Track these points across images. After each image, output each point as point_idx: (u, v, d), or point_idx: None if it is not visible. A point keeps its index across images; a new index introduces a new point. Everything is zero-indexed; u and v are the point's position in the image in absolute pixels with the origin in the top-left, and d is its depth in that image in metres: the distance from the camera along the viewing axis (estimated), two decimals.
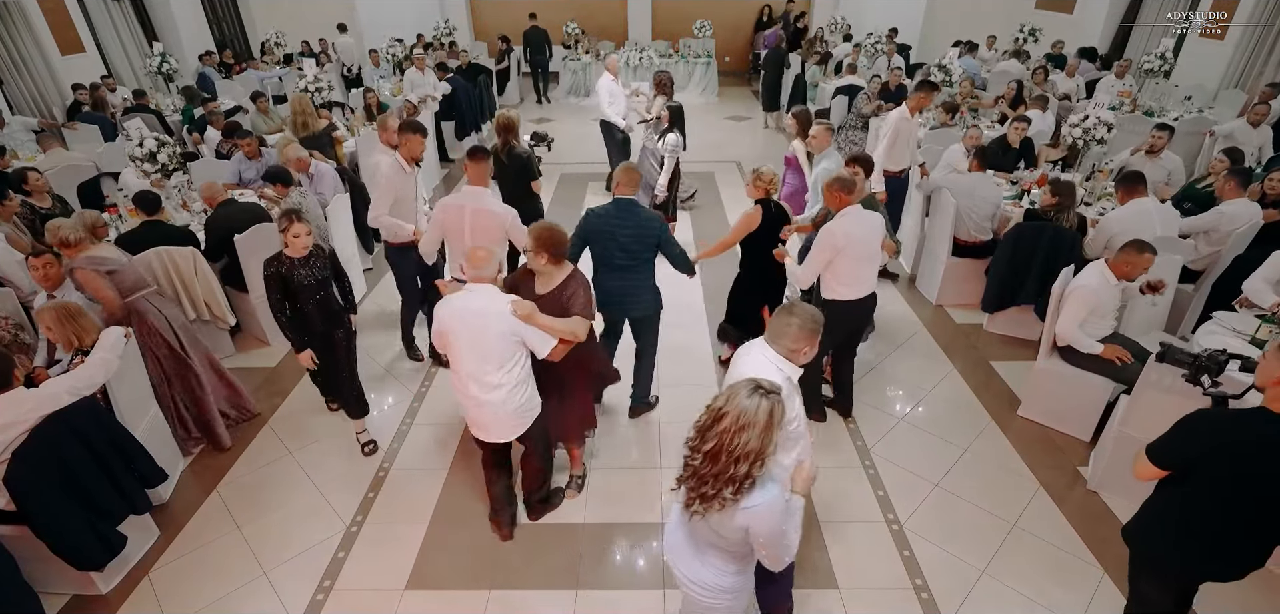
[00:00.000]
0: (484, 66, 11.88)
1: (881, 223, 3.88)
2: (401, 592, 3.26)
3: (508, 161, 5.12)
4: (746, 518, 1.93)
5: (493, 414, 3.00)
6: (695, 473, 1.94)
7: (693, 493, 1.97)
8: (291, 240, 3.48)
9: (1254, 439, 2.11)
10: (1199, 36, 9.31)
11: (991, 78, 10.26)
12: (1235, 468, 2.14)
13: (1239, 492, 2.16)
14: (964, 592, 3.22)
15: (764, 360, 2.43)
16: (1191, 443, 2.24)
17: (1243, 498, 2.17)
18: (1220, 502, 2.20)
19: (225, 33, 13.92)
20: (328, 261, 3.73)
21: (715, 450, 1.87)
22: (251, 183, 6.05)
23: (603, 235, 3.70)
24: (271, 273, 3.53)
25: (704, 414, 1.97)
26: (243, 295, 5.02)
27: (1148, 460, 2.31)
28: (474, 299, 2.84)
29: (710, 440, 1.88)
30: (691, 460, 1.96)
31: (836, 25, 13.11)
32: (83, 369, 3.05)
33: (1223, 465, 2.16)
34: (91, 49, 10.39)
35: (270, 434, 4.33)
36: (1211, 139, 7.10)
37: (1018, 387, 4.60)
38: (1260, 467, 2.10)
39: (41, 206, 5.21)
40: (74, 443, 2.93)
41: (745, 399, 1.86)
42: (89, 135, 7.78)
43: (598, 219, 3.71)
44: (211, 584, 3.32)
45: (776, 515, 1.94)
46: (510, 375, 2.93)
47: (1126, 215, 4.51)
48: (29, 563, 2.91)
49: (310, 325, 3.71)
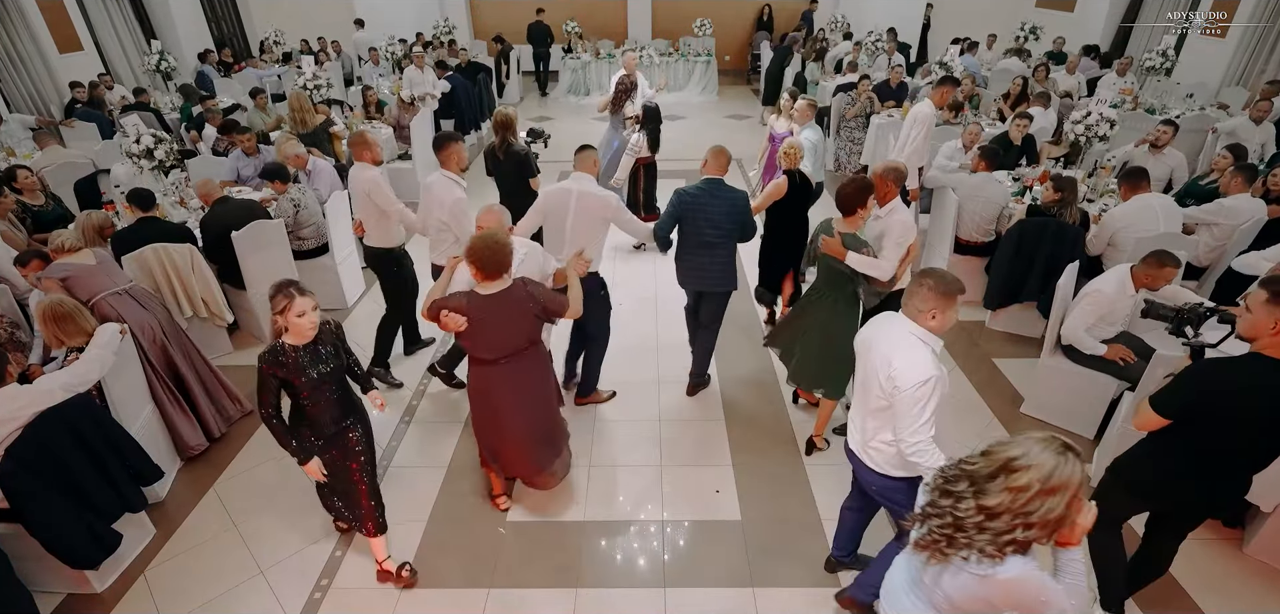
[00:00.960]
0: (483, 65, 11.85)
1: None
2: (399, 591, 3.23)
3: (505, 159, 5.09)
4: (996, 590, 1.62)
5: None
6: (955, 524, 1.64)
7: (937, 538, 1.68)
8: (294, 322, 2.64)
9: (1247, 386, 2.31)
10: (1201, 35, 9.29)
11: (992, 76, 10.24)
12: (1230, 412, 2.34)
13: (1231, 432, 2.37)
14: None
15: (905, 334, 2.37)
16: (1191, 392, 2.43)
17: (1234, 438, 2.38)
18: (1213, 443, 2.43)
19: (224, 31, 13.89)
20: (337, 337, 2.91)
21: (997, 508, 1.57)
22: (249, 180, 6.02)
23: (694, 213, 3.90)
24: (268, 375, 2.70)
25: (981, 460, 1.64)
26: (240, 293, 4.99)
27: (1151, 411, 2.48)
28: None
29: (993, 495, 1.57)
30: (954, 510, 1.64)
31: (837, 24, 13.09)
32: (77, 365, 3.02)
33: (1219, 411, 2.36)
34: (89, 47, 10.36)
35: (266, 433, 4.28)
36: (1214, 136, 7.07)
37: (1021, 384, 4.58)
38: (1251, 411, 2.31)
39: (34, 204, 5.18)
40: (69, 440, 2.90)
41: (1054, 456, 1.55)
42: (86, 133, 7.76)
43: (690, 198, 3.91)
44: (208, 583, 3.29)
45: (1033, 586, 1.62)
46: None
47: (1130, 211, 4.48)
48: (22, 561, 2.87)
49: (319, 426, 2.90)
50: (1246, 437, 2.36)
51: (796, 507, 3.67)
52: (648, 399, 4.51)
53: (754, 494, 3.75)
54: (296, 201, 5.16)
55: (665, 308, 5.59)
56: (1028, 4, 13.23)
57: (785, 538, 3.47)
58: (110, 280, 3.86)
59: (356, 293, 5.88)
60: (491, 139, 5.18)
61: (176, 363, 4.00)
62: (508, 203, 5.30)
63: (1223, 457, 2.44)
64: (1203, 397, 2.39)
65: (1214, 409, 2.36)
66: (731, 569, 3.31)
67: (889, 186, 3.70)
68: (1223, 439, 2.40)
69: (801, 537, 3.48)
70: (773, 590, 3.20)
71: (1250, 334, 2.35)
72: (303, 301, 2.66)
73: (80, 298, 3.62)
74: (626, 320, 5.47)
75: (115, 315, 3.72)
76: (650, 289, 5.95)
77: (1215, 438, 2.41)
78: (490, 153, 5.14)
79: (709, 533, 3.53)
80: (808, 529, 3.52)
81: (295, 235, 5.21)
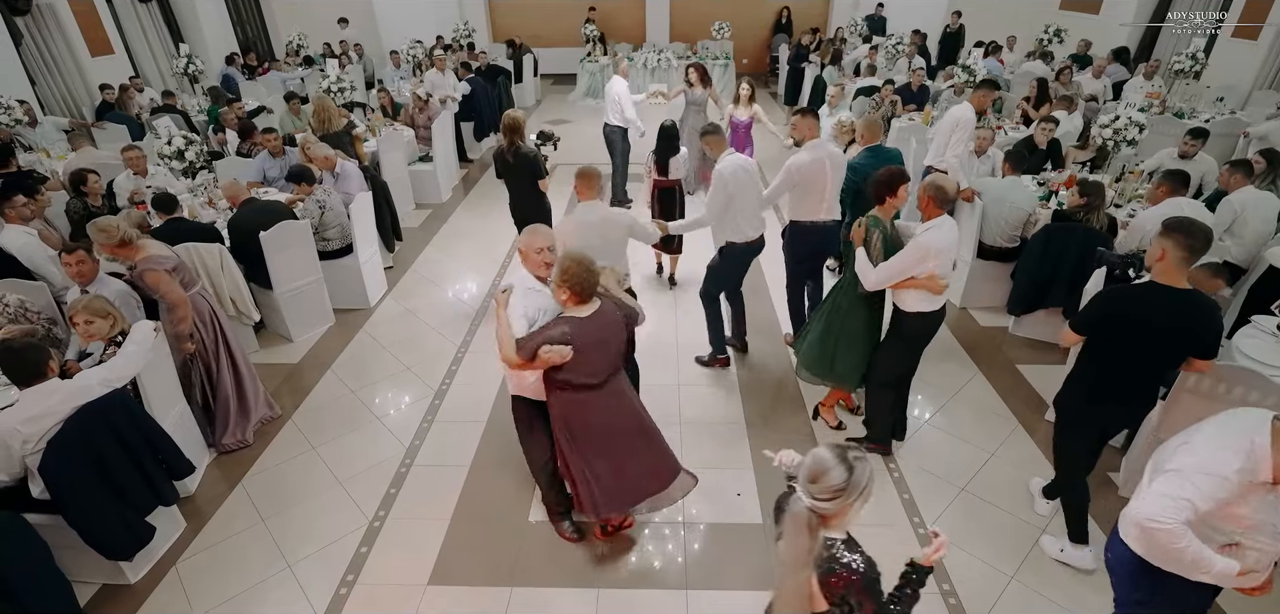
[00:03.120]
0: (503, 68, 11.94)
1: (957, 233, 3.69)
2: (424, 587, 3.27)
3: (514, 161, 5.13)
4: None
5: None
6: None
7: None
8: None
9: (1141, 304, 2.80)
10: (1231, 37, 9.13)
11: (1015, 79, 10.14)
12: (1129, 329, 2.81)
13: (1131, 348, 2.85)
14: (993, 597, 3.16)
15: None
16: (1097, 311, 2.95)
17: (1133, 353, 2.86)
18: (1118, 359, 2.91)
19: (249, 35, 14.11)
20: None
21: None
22: (275, 181, 6.11)
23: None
24: None
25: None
26: (266, 292, 5.07)
27: (1070, 330, 3.02)
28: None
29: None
30: None
31: (856, 26, 13.03)
32: (115, 361, 3.10)
33: (1119, 327, 2.85)
34: (120, 50, 10.57)
35: (294, 429, 4.36)
36: (1246, 140, 6.95)
37: (1045, 391, 4.52)
38: (1144, 325, 2.77)
39: (94, 206, 5.27)
40: (106, 434, 2.97)
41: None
42: (117, 135, 7.92)
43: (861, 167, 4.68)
44: (237, 576, 3.35)
45: None
46: None
47: (1161, 214, 4.41)
48: (60, 552, 2.94)
49: None
50: (1142, 348, 2.83)
51: None
52: (669, 402, 4.52)
53: (776, 497, 3.73)
54: (322, 203, 5.24)
55: (684, 312, 5.59)
56: (1052, 6, 13.07)
57: None
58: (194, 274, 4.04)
59: (379, 292, 5.95)
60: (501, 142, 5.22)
61: (235, 355, 4.13)
62: (517, 204, 5.38)
63: (1125, 370, 2.91)
64: (1108, 315, 2.89)
65: (1116, 324, 2.86)
66: (754, 572, 3.31)
67: (928, 202, 3.48)
68: (1124, 352, 2.87)
69: None
70: None
71: (1148, 264, 2.83)
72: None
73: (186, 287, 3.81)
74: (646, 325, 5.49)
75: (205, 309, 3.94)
76: (669, 294, 5.96)
77: (1118, 351, 2.89)
78: (499, 155, 5.20)
79: (731, 536, 3.53)
80: None
81: (320, 236, 5.29)
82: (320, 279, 5.31)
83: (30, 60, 9.04)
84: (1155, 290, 2.78)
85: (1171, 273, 2.72)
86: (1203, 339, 2.76)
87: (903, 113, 8.13)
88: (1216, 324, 2.78)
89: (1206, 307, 2.77)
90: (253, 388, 4.29)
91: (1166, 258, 2.70)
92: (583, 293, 2.75)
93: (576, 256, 2.75)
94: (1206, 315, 2.75)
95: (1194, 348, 2.79)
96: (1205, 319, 2.74)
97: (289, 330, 5.23)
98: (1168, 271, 2.72)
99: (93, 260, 3.67)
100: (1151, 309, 2.76)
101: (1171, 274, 2.72)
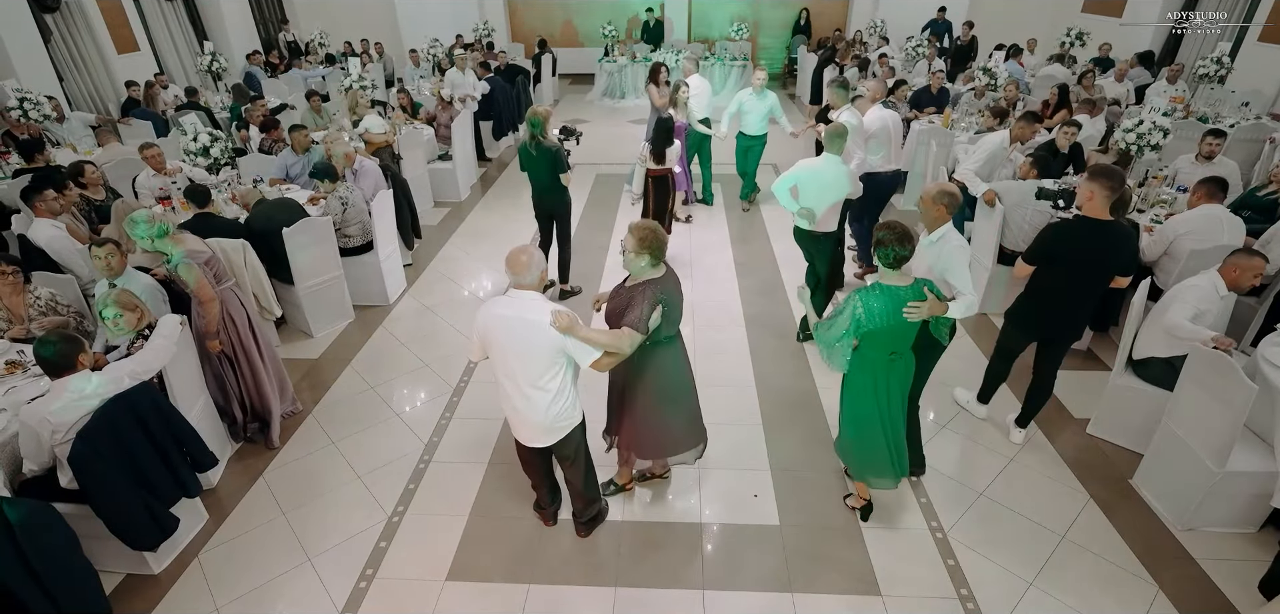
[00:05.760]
0: (522, 67, 11.99)
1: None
2: (442, 583, 3.30)
3: (537, 154, 5.19)
4: None
5: (523, 419, 2.97)
6: None
7: None
8: None
9: (1074, 235, 3.49)
10: (1258, 41, 8.98)
11: (1036, 83, 10.03)
12: (1066, 255, 3.48)
13: (1071, 274, 3.49)
14: (1011, 603, 3.14)
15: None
16: (1044, 246, 3.57)
17: (1070, 272, 3.49)
18: (1061, 284, 3.54)
19: (271, 33, 14.29)
20: None
21: None
22: (298, 178, 6.19)
23: None
24: None
25: None
26: (288, 288, 5.13)
27: (1024, 263, 3.61)
28: (516, 306, 2.77)
29: None
30: None
31: (875, 28, 12.95)
32: (143, 353, 3.15)
33: (1060, 254, 3.49)
34: (145, 48, 10.75)
35: (314, 424, 4.41)
36: (1272, 146, 6.83)
37: (1066, 396, 4.48)
38: (1078, 252, 3.43)
39: (96, 199, 5.38)
40: (134, 425, 3.02)
41: None
42: (142, 131, 8.04)
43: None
44: (257, 568, 3.39)
45: None
46: (551, 384, 2.85)
47: (1195, 219, 4.36)
48: (86, 541, 2.98)
49: None
50: (1078, 272, 3.48)
51: (837, 514, 3.64)
52: None
53: (793, 500, 3.74)
54: (345, 200, 5.29)
55: (701, 313, 5.60)
56: (1074, 9, 12.91)
57: (825, 545, 3.46)
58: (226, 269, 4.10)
59: (398, 289, 6.00)
60: (525, 136, 5.28)
61: (261, 348, 4.17)
62: (540, 198, 5.44)
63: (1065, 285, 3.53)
64: (1051, 245, 3.54)
65: (1058, 253, 3.50)
66: (770, 573, 3.31)
67: (940, 211, 3.36)
68: (1065, 276, 3.50)
69: (842, 544, 3.46)
70: (812, 597, 3.19)
71: (1080, 203, 3.48)
72: None
73: (218, 281, 3.87)
74: None
75: (236, 302, 4.00)
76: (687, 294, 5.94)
77: (1060, 276, 3.51)
78: (524, 149, 5.26)
79: (747, 537, 3.53)
80: (848, 537, 3.50)
81: (341, 232, 5.35)
82: (341, 276, 5.37)
83: (58, 57, 9.23)
84: (1085, 223, 3.43)
85: (1097, 209, 3.36)
86: (1121, 259, 3.46)
87: (923, 116, 8.08)
88: (1132, 247, 3.66)
89: (1123, 233, 3.47)
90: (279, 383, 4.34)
91: (1094, 198, 3.35)
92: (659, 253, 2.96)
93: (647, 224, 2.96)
94: (1123, 241, 3.45)
95: (1115, 267, 3.47)
96: (1122, 243, 3.44)
97: (310, 326, 5.29)
98: (1094, 208, 3.37)
99: (122, 254, 3.73)
100: (1082, 237, 3.43)
101: (1097, 210, 3.36)
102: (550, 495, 3.51)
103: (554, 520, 3.58)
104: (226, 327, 3.94)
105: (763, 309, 5.67)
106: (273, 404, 4.20)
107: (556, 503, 3.58)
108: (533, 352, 2.78)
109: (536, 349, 2.77)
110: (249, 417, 4.18)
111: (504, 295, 2.85)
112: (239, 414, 4.14)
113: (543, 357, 2.78)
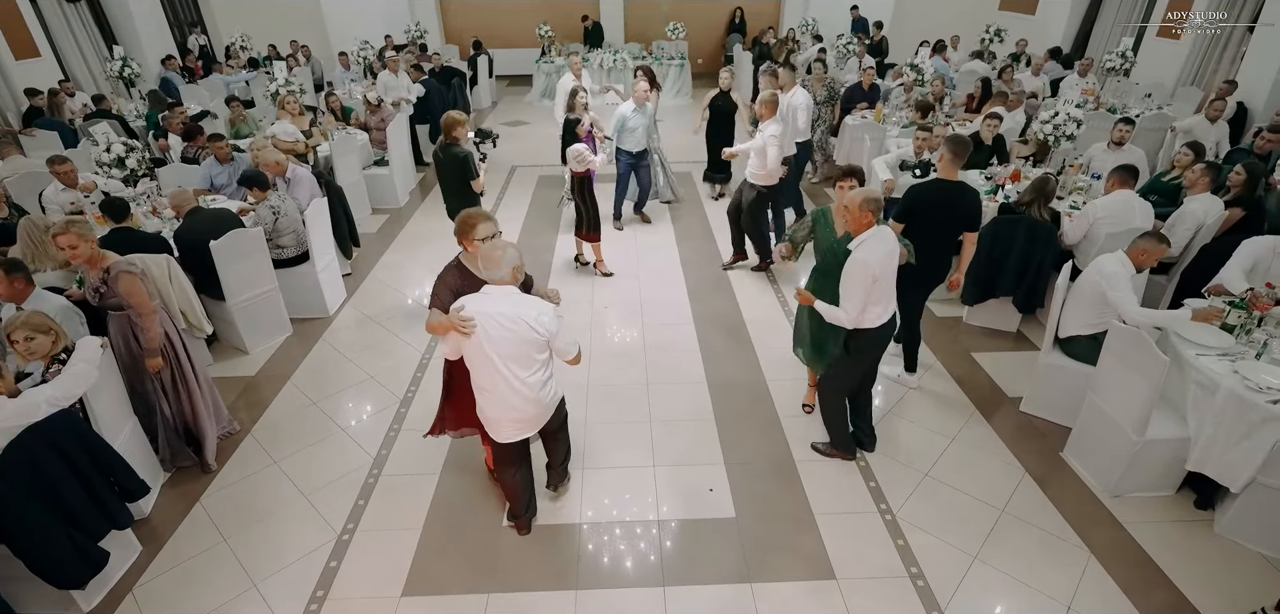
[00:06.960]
0: (458, 69, 11.77)
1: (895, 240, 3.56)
2: (398, 599, 3.20)
3: (445, 158, 5.08)
4: None
5: (515, 412, 3.02)
6: None
7: None
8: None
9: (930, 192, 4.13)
10: (1156, 36, 9.65)
11: (959, 77, 10.49)
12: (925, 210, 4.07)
13: (927, 223, 4.03)
14: (958, 577, 3.28)
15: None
16: (906, 203, 4.16)
17: (929, 227, 4.01)
18: (921, 232, 3.95)
19: (187, 36, 13.57)
20: None
21: None
22: (224, 188, 5.90)
23: None
24: None
25: None
26: (219, 303, 4.89)
27: (894, 220, 4.08)
28: (509, 303, 2.83)
29: None
30: None
31: (807, 26, 13.29)
32: (60, 379, 2.94)
33: (921, 209, 4.08)
34: (47, 53, 10.04)
35: (253, 443, 4.22)
36: (1173, 134, 7.36)
37: (999, 376, 4.72)
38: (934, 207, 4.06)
39: None
40: (52, 456, 2.83)
41: None
42: (48, 141, 7.52)
43: None
44: (199, 599, 3.22)
45: None
46: (544, 366, 3.02)
47: (1113, 204, 4.64)
48: (6, 583, 2.80)
49: None
50: (937, 225, 4.05)
51: (790, 502, 3.73)
52: (637, 401, 4.54)
53: (747, 491, 3.80)
54: (276, 209, 5.08)
55: (651, 312, 5.63)
56: (991, 7, 13.59)
57: (780, 533, 3.53)
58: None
59: (338, 300, 5.80)
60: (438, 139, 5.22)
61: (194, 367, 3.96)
62: (449, 202, 5.34)
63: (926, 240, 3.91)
64: (912, 203, 4.11)
65: (918, 208, 4.08)
66: (729, 566, 3.36)
67: (867, 216, 3.37)
68: (925, 228, 3.98)
69: (796, 532, 3.54)
70: (771, 585, 3.25)
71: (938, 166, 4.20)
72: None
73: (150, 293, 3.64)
74: (614, 324, 5.50)
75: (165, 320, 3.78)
76: (635, 294, 5.97)
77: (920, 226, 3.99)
78: (434, 154, 5.20)
79: (705, 531, 3.57)
80: (802, 524, 3.58)
81: (275, 243, 5.13)
82: (276, 288, 5.14)
83: None
84: (939, 182, 4.13)
85: (948, 170, 4.08)
86: (969, 209, 4.08)
87: (857, 112, 8.33)
88: (976, 205, 4.12)
89: (969, 192, 4.10)
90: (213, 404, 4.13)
91: (944, 159, 4.08)
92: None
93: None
94: (969, 198, 4.09)
95: (964, 223, 4.10)
96: (968, 201, 4.08)
97: (244, 342, 5.06)
98: (946, 169, 4.10)
99: (28, 281, 3.45)
100: (937, 195, 4.08)
101: (949, 171, 4.08)
102: (526, 504, 3.48)
103: (529, 530, 3.53)
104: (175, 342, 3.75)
105: (711, 306, 5.74)
106: (206, 425, 3.99)
107: (532, 512, 3.55)
108: (528, 345, 2.87)
109: (532, 341, 2.87)
110: (182, 440, 3.95)
111: (484, 294, 2.86)
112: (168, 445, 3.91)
113: (536, 344, 2.90)
